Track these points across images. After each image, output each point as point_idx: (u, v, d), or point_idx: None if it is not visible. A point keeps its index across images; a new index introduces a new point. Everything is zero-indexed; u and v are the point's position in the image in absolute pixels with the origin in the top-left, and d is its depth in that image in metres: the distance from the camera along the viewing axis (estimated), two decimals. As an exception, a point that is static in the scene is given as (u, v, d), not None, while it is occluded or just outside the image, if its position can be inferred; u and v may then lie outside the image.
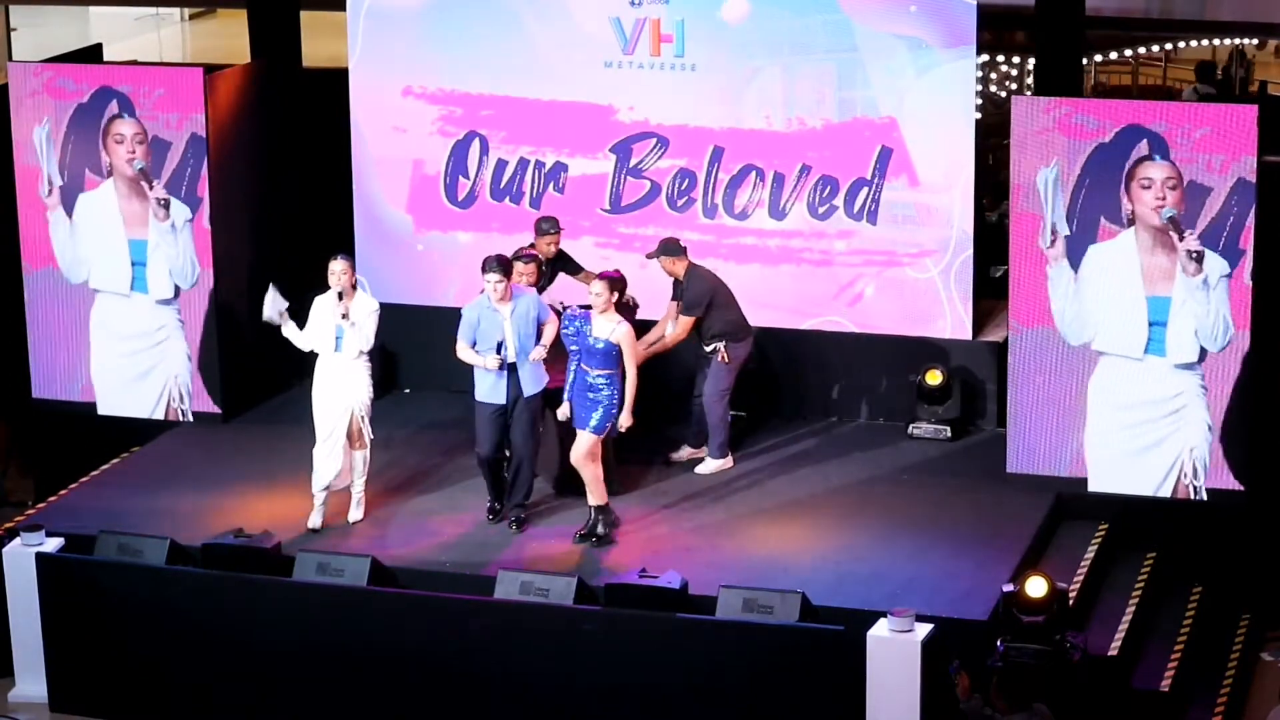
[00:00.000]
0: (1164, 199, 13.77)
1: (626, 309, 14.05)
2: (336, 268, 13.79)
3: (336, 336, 13.81)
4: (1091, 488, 14.25)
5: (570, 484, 14.05)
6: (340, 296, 13.76)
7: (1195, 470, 14.01)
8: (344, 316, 13.74)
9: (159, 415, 16.06)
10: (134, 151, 15.75)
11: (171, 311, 15.99)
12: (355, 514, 14.13)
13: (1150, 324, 13.99)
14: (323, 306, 13.86)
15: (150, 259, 15.93)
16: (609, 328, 13.53)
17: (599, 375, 13.54)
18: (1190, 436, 14.01)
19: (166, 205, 15.75)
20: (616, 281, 13.68)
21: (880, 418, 15.82)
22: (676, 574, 12.89)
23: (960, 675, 11.39)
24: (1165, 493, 14.11)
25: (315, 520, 13.99)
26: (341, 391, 13.84)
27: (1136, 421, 14.09)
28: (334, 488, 13.99)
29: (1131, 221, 13.91)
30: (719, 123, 15.72)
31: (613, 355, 13.53)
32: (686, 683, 12.52)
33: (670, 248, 14.88)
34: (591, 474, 13.67)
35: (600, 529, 13.73)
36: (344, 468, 13.94)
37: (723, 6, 15.52)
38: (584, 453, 13.65)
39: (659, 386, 14.88)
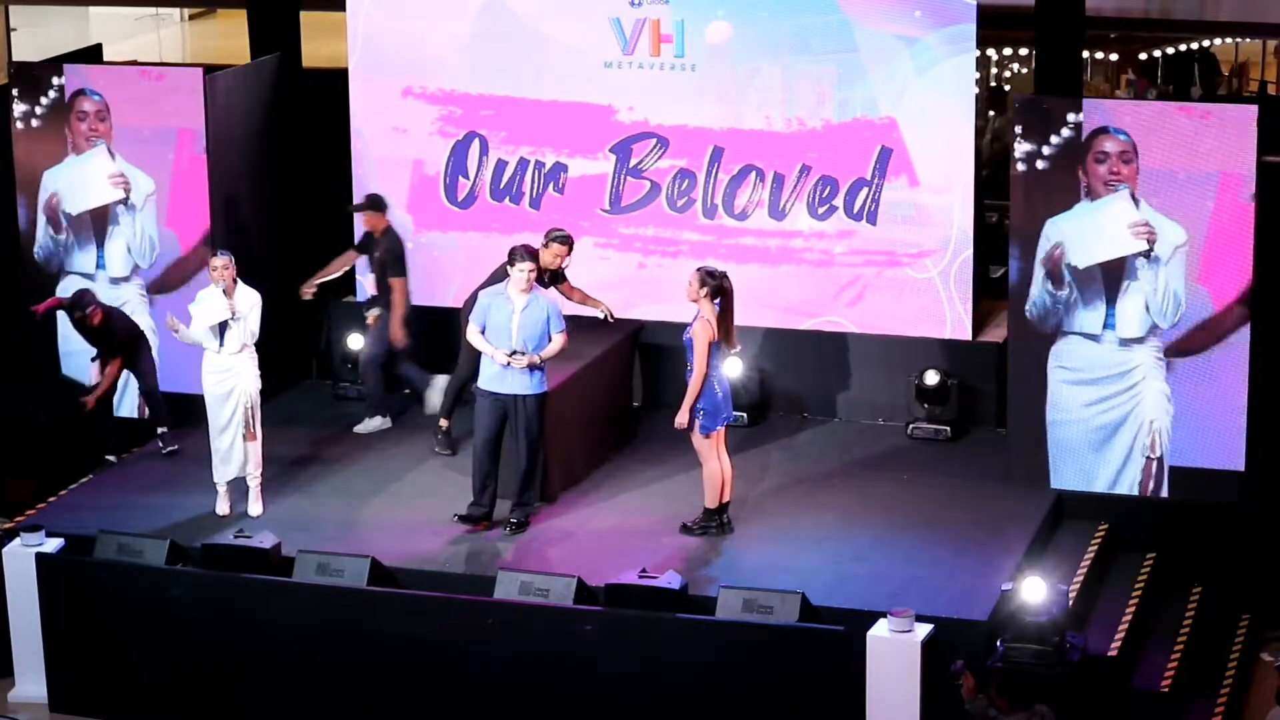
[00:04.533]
0: (1118, 174, 13.76)
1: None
2: (218, 263, 13.96)
3: (222, 331, 13.91)
4: (1054, 484, 14.30)
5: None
6: (225, 292, 13.91)
7: (1157, 443, 14.00)
8: (232, 314, 13.87)
9: (130, 413, 16.10)
10: (95, 129, 15.80)
11: (133, 288, 16.01)
12: (254, 508, 14.23)
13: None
14: (206, 302, 13.96)
15: (108, 236, 16.03)
16: (692, 321, 13.48)
17: (688, 371, 13.48)
18: (1149, 409, 14.02)
19: (125, 186, 15.86)
20: (706, 276, 13.46)
21: (880, 418, 15.83)
22: (676, 574, 12.90)
23: (965, 675, 11.39)
24: (1126, 487, 14.14)
25: (223, 507, 14.20)
26: (230, 385, 14.01)
27: (1094, 399, 14.12)
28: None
29: (1089, 194, 13.91)
30: (719, 123, 15.72)
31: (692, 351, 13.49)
32: (686, 683, 12.52)
33: (378, 202, 15.46)
34: (704, 473, 13.66)
35: (698, 526, 13.73)
36: (252, 459, 14.12)
37: (707, 31, 15.52)
38: (697, 453, 13.66)
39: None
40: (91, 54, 17.31)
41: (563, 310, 13.91)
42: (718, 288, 13.43)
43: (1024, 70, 20.86)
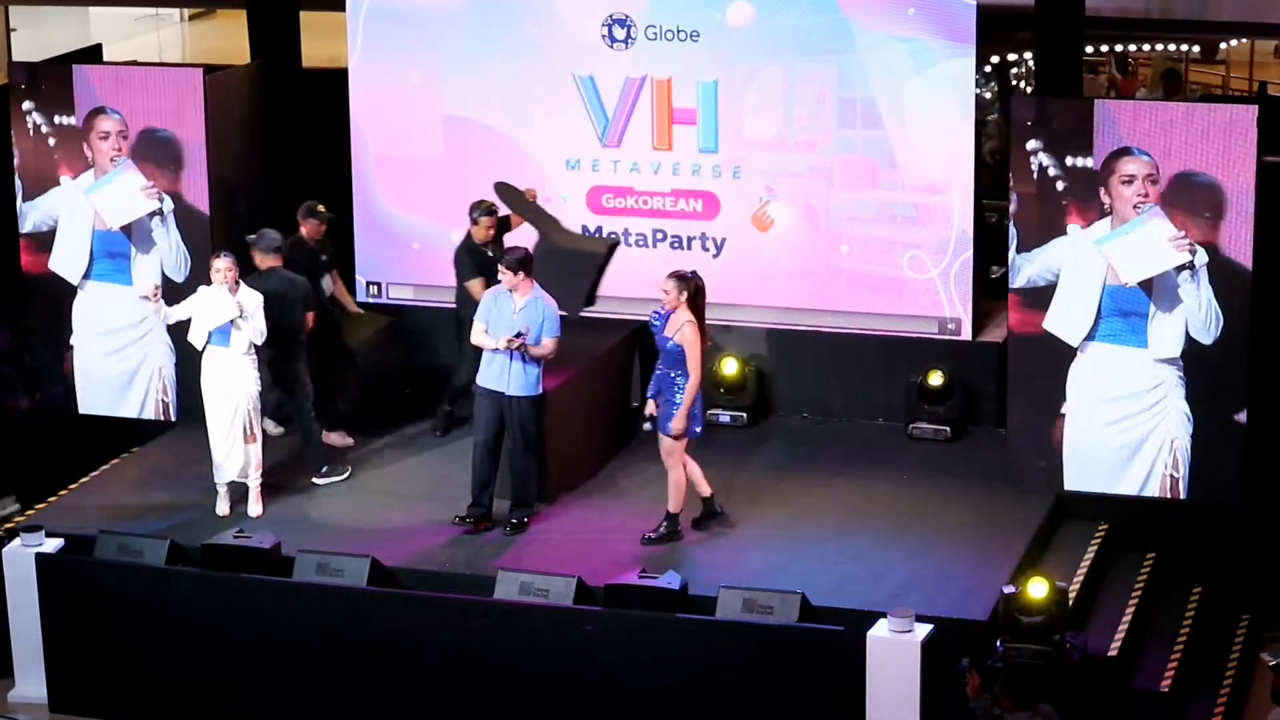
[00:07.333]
0: (1146, 195, 13.73)
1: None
2: (222, 264, 13.95)
3: (225, 332, 13.93)
4: (1068, 486, 14.27)
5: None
6: (232, 293, 13.92)
7: (1177, 461, 13.98)
8: (241, 312, 13.87)
9: (149, 414, 16.06)
10: (119, 148, 15.79)
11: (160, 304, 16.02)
12: (254, 508, 14.23)
13: (1124, 315, 13.95)
14: (207, 301, 13.95)
15: (135, 251, 15.99)
16: (676, 326, 13.45)
17: (677, 375, 13.45)
18: (1171, 428, 13.99)
19: (159, 196, 15.80)
20: (686, 279, 13.48)
21: (880, 418, 15.83)
22: (676, 574, 12.90)
23: (970, 674, 11.39)
24: (1152, 490, 14.11)
25: (223, 507, 14.22)
26: (231, 387, 14.01)
27: (1118, 417, 14.08)
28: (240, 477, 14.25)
29: (1107, 214, 13.88)
30: (719, 122, 15.70)
31: (683, 355, 13.43)
32: (686, 683, 12.53)
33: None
34: (672, 478, 13.63)
35: (662, 532, 13.70)
36: (252, 461, 14.12)
37: (728, 11, 15.52)
38: (664, 454, 13.63)
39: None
40: (91, 54, 17.28)
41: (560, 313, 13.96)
42: (696, 288, 13.43)
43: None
